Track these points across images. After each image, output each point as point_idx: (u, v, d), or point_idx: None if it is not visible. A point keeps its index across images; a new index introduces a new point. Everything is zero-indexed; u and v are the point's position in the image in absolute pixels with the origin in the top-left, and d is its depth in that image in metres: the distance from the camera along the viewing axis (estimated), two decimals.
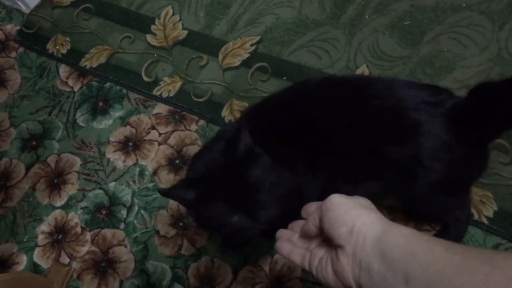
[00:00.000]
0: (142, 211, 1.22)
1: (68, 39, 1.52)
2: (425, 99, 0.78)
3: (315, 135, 0.83)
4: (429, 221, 1.06)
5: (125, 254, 1.19)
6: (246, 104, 1.27)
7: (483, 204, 1.05)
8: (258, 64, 1.32)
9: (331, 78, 0.89)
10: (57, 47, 1.51)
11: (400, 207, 1.07)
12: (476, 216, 1.04)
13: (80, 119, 1.39)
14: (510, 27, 1.22)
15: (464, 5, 1.28)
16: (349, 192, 0.72)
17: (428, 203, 0.90)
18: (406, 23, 1.29)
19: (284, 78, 1.29)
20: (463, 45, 1.23)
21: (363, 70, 1.25)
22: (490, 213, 1.04)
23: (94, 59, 1.46)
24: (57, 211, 1.28)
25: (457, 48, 1.23)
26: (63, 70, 1.48)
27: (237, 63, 1.34)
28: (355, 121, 0.80)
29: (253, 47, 1.36)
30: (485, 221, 1.04)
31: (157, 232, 1.19)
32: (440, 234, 1.03)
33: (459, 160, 0.79)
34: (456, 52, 1.23)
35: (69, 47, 1.50)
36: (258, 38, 1.37)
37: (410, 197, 0.90)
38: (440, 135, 0.76)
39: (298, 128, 0.84)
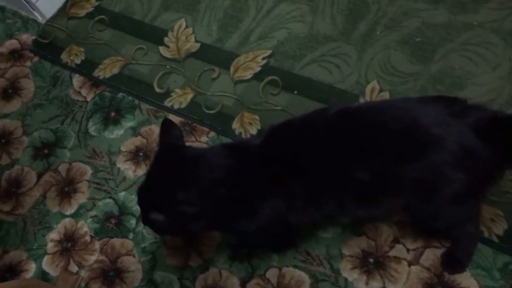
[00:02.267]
0: None
1: (82, 49, 1.54)
2: (442, 111, 0.78)
3: (329, 166, 0.83)
4: (439, 238, 1.06)
5: (133, 264, 1.19)
6: (257, 117, 1.28)
7: (493, 222, 1.05)
8: (269, 78, 1.34)
9: (347, 109, 0.88)
10: (71, 57, 1.53)
11: (410, 223, 1.07)
12: (486, 234, 1.04)
13: (92, 129, 1.40)
14: None
15: (475, 23, 1.29)
16: (364, 215, 0.72)
17: (444, 216, 0.90)
18: (418, 40, 1.30)
19: (295, 92, 1.30)
20: (474, 63, 1.24)
21: (373, 85, 1.26)
22: (500, 231, 1.04)
23: (107, 69, 1.48)
24: (67, 220, 1.29)
25: (468, 66, 1.24)
26: (77, 80, 1.50)
27: (249, 76, 1.36)
28: (373, 149, 0.81)
29: (265, 61, 1.37)
30: (495, 239, 1.03)
31: (165, 242, 1.19)
32: (451, 250, 1.03)
33: (482, 166, 0.79)
34: (467, 70, 1.23)
35: (83, 58, 1.53)
36: (269, 52, 1.38)
37: (426, 212, 0.90)
38: (462, 144, 0.77)
39: (310, 159, 0.85)
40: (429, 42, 1.29)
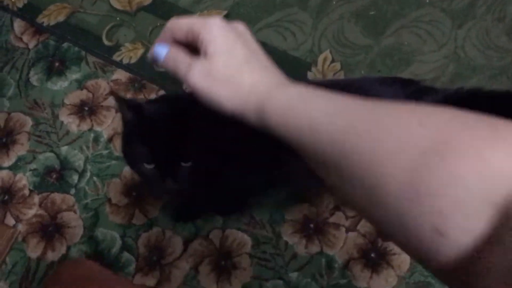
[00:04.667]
0: (95, 178, 1.20)
1: None
2: (398, 92, 0.80)
3: None
4: None
5: (74, 220, 1.17)
6: None
7: None
8: None
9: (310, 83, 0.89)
10: (12, 0, 1.43)
11: None
12: None
13: (34, 78, 1.33)
14: (468, 27, 1.27)
15: (427, 1, 1.32)
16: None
17: None
18: (371, 13, 1.32)
19: None
20: (423, 40, 1.27)
21: (326, 55, 1.27)
22: None
23: (52, 16, 1.40)
24: (4, 171, 1.24)
25: (416, 42, 1.27)
26: (18, 25, 1.41)
27: None
28: None
29: None
30: None
31: (109, 200, 1.18)
32: None
33: None
34: (415, 46, 1.27)
35: (26, 1, 1.43)
36: (225, 12, 1.35)
37: None
38: None
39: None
40: (382, 16, 1.31)
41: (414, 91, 0.80)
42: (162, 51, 0.50)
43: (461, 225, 0.30)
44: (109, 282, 0.56)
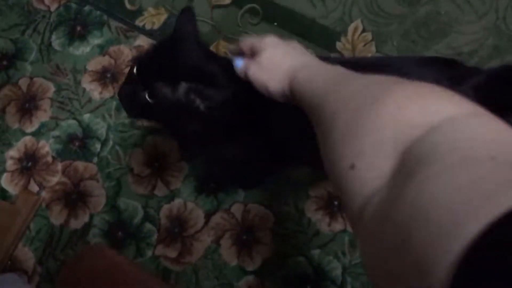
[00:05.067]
0: (117, 147, 1.19)
1: None
2: (440, 75, 0.74)
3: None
4: None
5: (97, 189, 1.17)
6: None
7: None
8: (249, 5, 1.26)
9: (344, 64, 0.84)
10: None
11: None
12: None
13: (56, 43, 1.31)
14: None
15: None
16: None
17: None
18: None
19: (275, 23, 1.23)
20: (461, 9, 1.20)
21: (357, 24, 1.21)
22: None
23: None
24: (28, 138, 1.24)
25: (454, 12, 1.20)
26: None
27: (228, 1, 1.27)
28: None
29: None
30: None
31: (131, 170, 1.17)
32: None
33: None
34: (453, 16, 1.19)
35: None
36: None
37: None
38: None
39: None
40: None
41: (456, 74, 0.75)
42: (239, 63, 0.67)
43: (371, 163, 0.34)
44: (129, 275, 0.55)
